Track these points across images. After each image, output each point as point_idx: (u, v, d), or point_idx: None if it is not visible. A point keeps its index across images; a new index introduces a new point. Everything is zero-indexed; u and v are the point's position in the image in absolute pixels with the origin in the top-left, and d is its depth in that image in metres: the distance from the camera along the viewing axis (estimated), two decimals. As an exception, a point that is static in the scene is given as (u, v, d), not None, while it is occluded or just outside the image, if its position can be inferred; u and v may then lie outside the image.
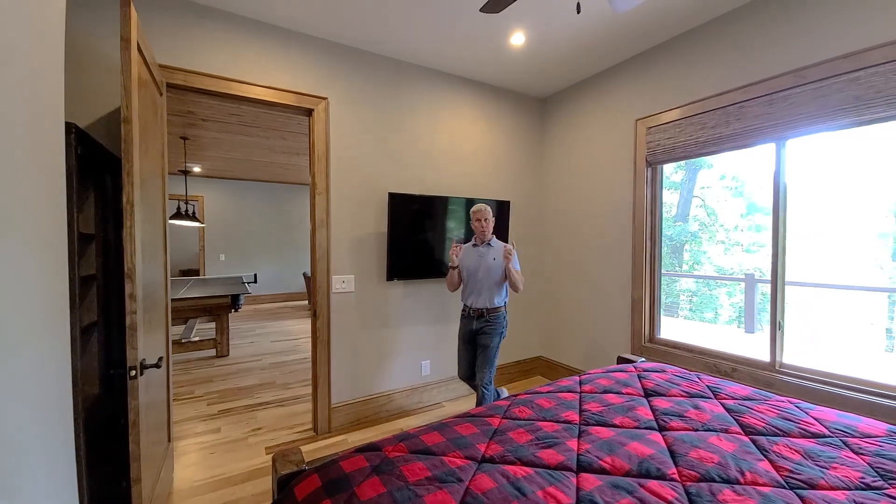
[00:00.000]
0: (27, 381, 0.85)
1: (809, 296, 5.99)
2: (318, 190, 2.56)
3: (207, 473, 2.18)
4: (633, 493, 0.93)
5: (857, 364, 3.10)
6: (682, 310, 6.75)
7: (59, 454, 1.01)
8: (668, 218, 7.95)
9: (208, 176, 6.71)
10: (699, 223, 7.69)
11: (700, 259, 7.68)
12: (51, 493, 0.95)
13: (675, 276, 7.07)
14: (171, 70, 2.13)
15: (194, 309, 4.03)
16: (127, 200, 1.44)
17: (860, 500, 0.90)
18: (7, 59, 0.76)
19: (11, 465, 0.75)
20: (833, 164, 5.35)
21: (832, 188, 5.50)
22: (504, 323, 2.45)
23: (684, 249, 8.02)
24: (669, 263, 7.83)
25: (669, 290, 7.06)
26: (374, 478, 0.95)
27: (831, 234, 5.73)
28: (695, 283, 6.86)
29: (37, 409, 0.89)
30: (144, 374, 1.51)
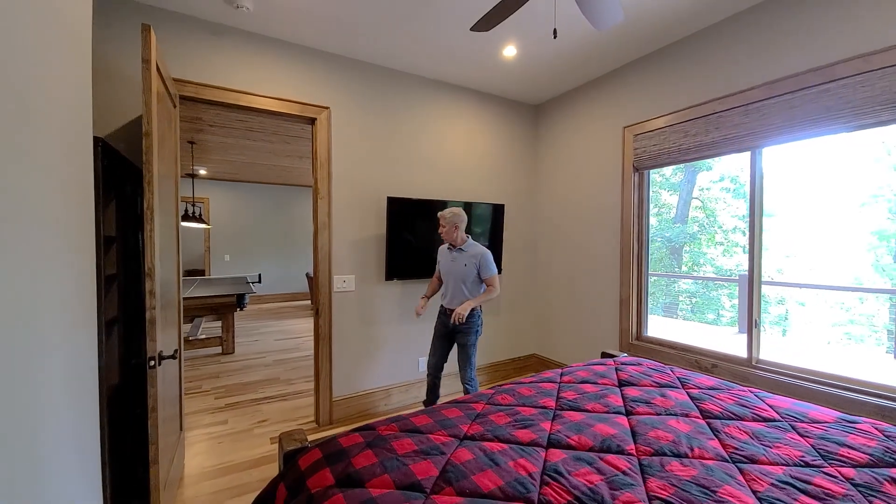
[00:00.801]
0: (64, 375, 0.98)
1: (808, 296, 6.09)
2: (320, 194, 2.70)
3: (216, 461, 2.32)
4: (593, 464, 1.06)
5: (844, 360, 3.22)
6: (682, 310, 6.85)
7: (88, 441, 1.15)
8: (667, 219, 8.07)
9: (214, 178, 6.88)
10: (698, 224, 7.79)
11: (699, 260, 7.78)
12: (81, 478, 1.08)
13: (666, 277, 7.17)
14: (183, 83, 2.28)
15: (201, 308, 4.18)
16: (147, 206, 1.59)
17: (795, 475, 1.03)
18: (46, 82, 0.89)
19: (48, 450, 0.87)
20: (833, 166, 5.46)
21: (832, 190, 5.60)
22: (479, 322, 2.52)
23: (683, 251, 8.13)
24: (669, 264, 7.93)
25: (668, 291, 7.16)
26: (368, 451, 1.09)
27: (831, 236, 5.84)
28: (693, 283, 6.97)
29: (71, 399, 1.02)
30: (162, 364, 1.66)
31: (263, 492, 1.09)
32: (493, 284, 2.45)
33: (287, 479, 1.05)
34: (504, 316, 3.64)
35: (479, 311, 2.52)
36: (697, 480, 0.99)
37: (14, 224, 0.74)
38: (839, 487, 0.97)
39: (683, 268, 7.81)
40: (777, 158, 6.29)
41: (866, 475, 1.03)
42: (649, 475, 1.02)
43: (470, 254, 2.45)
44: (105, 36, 2.08)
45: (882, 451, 1.13)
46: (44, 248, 0.88)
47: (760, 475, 1.02)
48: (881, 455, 1.11)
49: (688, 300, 6.96)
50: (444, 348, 2.59)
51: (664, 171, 7.73)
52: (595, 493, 0.94)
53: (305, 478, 1.01)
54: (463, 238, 2.49)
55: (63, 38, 1.00)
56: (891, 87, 1.81)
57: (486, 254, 2.46)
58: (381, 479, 0.98)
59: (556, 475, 1.01)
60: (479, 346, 3.49)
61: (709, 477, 1.00)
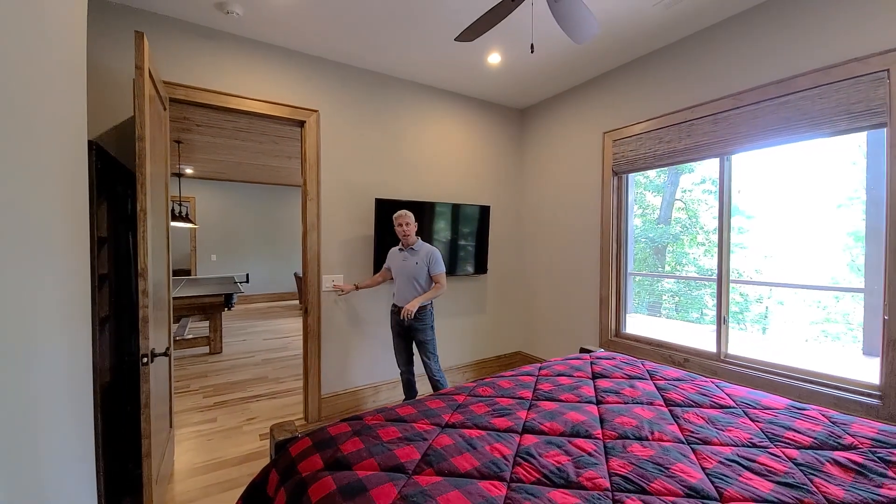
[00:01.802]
0: (61, 371, 1.03)
1: (787, 295, 6.32)
2: (309, 196, 2.76)
3: (206, 457, 2.36)
4: (562, 447, 1.16)
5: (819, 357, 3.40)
6: (665, 309, 7.04)
7: (83, 434, 1.21)
8: (651, 220, 8.28)
9: (200, 177, 6.84)
10: (681, 225, 8.02)
11: (682, 260, 8.01)
12: (77, 470, 1.13)
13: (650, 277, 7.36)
14: (174, 86, 2.32)
15: (188, 307, 4.19)
16: (140, 208, 1.64)
17: (742, 454, 1.15)
18: (41, 88, 0.94)
19: (46, 443, 0.92)
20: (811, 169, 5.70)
21: (810, 193, 5.84)
22: (431, 318, 2.65)
23: (667, 251, 8.35)
24: (653, 264, 8.14)
25: (652, 290, 7.36)
26: (355, 438, 1.17)
27: (809, 237, 6.08)
28: (676, 283, 7.17)
29: (67, 393, 1.08)
30: (154, 361, 1.71)
31: (256, 478, 1.16)
32: (440, 281, 2.59)
33: (279, 466, 1.13)
34: (490, 314, 3.74)
35: (430, 308, 2.63)
36: (654, 459, 1.09)
37: (13, 225, 0.79)
38: (781, 466, 1.08)
39: (667, 267, 8.02)
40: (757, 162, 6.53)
41: (809, 456, 1.14)
42: (612, 456, 1.12)
43: (422, 253, 2.59)
44: (95, 38, 2.10)
45: (826, 435, 1.26)
46: (42, 249, 0.93)
47: (711, 454, 1.13)
48: (825, 438, 1.24)
49: (671, 299, 7.15)
50: (405, 345, 2.70)
51: (649, 173, 7.94)
52: (561, 471, 1.04)
53: (296, 463, 1.08)
54: (414, 238, 2.63)
55: (58, 44, 1.05)
56: (847, 98, 1.96)
57: (436, 252, 2.62)
58: (368, 462, 1.06)
59: (528, 457, 1.10)
60: (465, 344, 3.59)
61: (664, 456, 1.11)
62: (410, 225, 2.59)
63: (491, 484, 0.98)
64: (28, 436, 0.83)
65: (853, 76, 1.91)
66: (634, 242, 8.70)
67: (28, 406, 0.84)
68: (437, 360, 2.65)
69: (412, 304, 2.46)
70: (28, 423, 0.84)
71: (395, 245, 2.77)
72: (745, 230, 7.60)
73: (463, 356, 3.59)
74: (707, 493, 0.96)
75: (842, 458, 1.11)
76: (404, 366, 2.73)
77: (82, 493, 1.21)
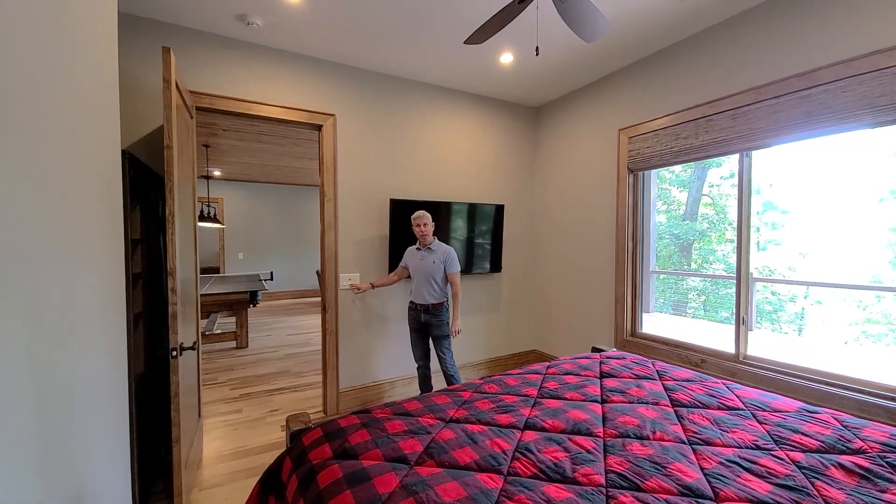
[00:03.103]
0: (97, 363, 1.14)
1: (824, 295, 6.04)
2: (326, 197, 2.86)
3: (232, 445, 2.51)
4: (562, 444, 1.19)
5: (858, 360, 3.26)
6: (691, 308, 6.84)
7: (119, 421, 1.32)
8: (677, 216, 8.05)
9: (227, 179, 7.12)
10: (708, 221, 7.76)
11: (709, 258, 7.76)
12: (113, 452, 1.25)
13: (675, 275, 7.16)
14: (199, 95, 2.45)
15: (216, 304, 4.40)
16: (169, 212, 1.76)
17: (744, 455, 1.15)
18: (79, 105, 1.04)
19: (84, 432, 1.03)
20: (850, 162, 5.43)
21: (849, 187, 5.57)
22: (447, 314, 2.73)
23: (693, 248, 8.10)
24: (678, 262, 7.92)
25: (677, 289, 7.16)
26: (363, 430, 1.24)
27: (848, 233, 5.80)
28: (702, 281, 6.96)
29: (106, 382, 1.19)
30: (183, 354, 1.84)
31: (273, 464, 1.24)
32: (455, 281, 2.68)
33: (293, 454, 1.21)
34: (504, 312, 3.77)
35: (446, 305, 2.71)
36: (652, 458, 1.11)
37: (56, 230, 0.90)
38: (783, 468, 1.08)
39: (693, 265, 7.79)
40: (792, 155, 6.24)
41: (814, 459, 1.13)
42: (610, 453, 1.14)
43: (439, 252, 2.67)
44: (127, 52, 2.25)
45: (835, 439, 1.23)
46: (81, 251, 1.04)
47: (711, 455, 1.13)
48: (833, 442, 1.21)
49: (698, 298, 6.94)
50: (422, 340, 2.78)
51: (674, 167, 7.72)
52: (558, 467, 1.07)
53: (307, 452, 1.16)
54: (431, 238, 2.71)
55: (90, 61, 1.15)
56: (871, 91, 1.88)
57: (452, 251, 2.70)
58: (373, 452, 1.12)
59: (527, 452, 1.14)
60: (480, 342, 3.63)
61: (663, 455, 1.12)
62: (428, 225, 2.67)
63: (488, 476, 1.02)
64: (68, 423, 0.94)
65: (878, 68, 1.83)
66: (658, 239, 8.48)
67: (68, 395, 0.94)
68: (452, 356, 2.73)
69: (455, 325, 2.67)
70: (68, 411, 0.94)
71: (410, 244, 2.85)
72: (779, 226, 7.28)
73: (478, 353, 3.63)
74: (702, 492, 0.98)
75: (848, 462, 1.10)
76: (421, 360, 2.81)
77: (118, 475, 1.33)
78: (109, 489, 1.21)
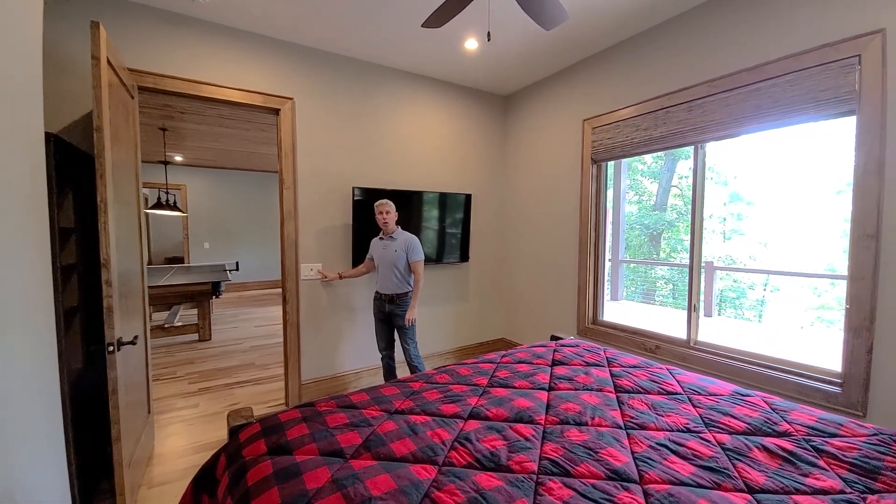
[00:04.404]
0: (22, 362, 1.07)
1: (783, 282, 6.33)
2: (285, 185, 2.76)
3: (187, 441, 2.43)
4: (502, 431, 1.20)
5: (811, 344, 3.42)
6: (660, 297, 7.05)
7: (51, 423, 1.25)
8: (647, 207, 8.25)
9: (190, 165, 6.81)
10: (676, 212, 7.99)
11: (676, 247, 8.01)
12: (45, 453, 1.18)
13: (644, 264, 7.35)
14: (141, 74, 2.30)
15: (176, 295, 4.24)
16: (101, 199, 1.65)
17: (673, 439, 1.18)
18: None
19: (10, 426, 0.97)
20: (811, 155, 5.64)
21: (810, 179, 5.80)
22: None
23: (662, 238, 8.34)
24: (648, 251, 8.15)
25: (646, 277, 7.38)
26: (303, 424, 1.21)
27: (807, 223, 6.07)
28: (670, 270, 7.19)
29: (32, 381, 1.11)
30: (122, 350, 1.75)
31: (208, 462, 1.20)
32: (417, 270, 2.66)
33: (228, 450, 1.17)
34: (472, 302, 3.78)
35: (410, 295, 2.70)
36: (587, 444, 1.13)
37: None
38: (708, 450, 1.12)
39: (662, 254, 8.03)
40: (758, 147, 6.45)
41: (738, 441, 1.18)
42: (548, 440, 1.16)
43: (400, 241, 2.65)
44: (56, 28, 2.08)
45: (762, 421, 1.29)
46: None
47: (643, 439, 1.17)
48: (759, 425, 1.27)
49: (666, 286, 7.17)
50: (387, 330, 2.77)
51: (646, 158, 7.89)
52: (493, 455, 1.07)
53: (242, 448, 1.13)
54: (394, 227, 2.67)
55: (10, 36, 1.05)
56: (816, 86, 1.93)
57: (414, 239, 2.68)
58: (309, 447, 1.10)
59: (466, 441, 1.14)
60: (448, 331, 3.64)
61: (598, 441, 1.14)
62: (391, 213, 2.63)
63: (422, 468, 1.02)
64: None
65: (824, 62, 1.88)
66: (629, 229, 8.64)
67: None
68: (416, 346, 2.72)
69: (411, 313, 2.62)
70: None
71: (375, 234, 2.80)
72: (744, 216, 7.58)
73: (446, 343, 3.64)
74: (628, 475, 1.00)
75: (772, 444, 1.15)
76: (385, 350, 2.80)
77: (51, 475, 1.26)
78: (42, 489, 1.15)
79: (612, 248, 4.88)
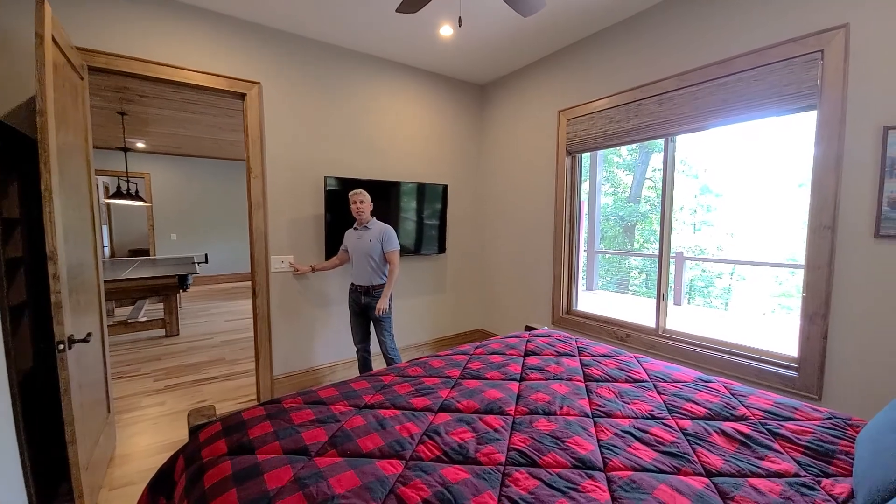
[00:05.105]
0: None
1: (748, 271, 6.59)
2: (253, 173, 2.66)
3: (152, 440, 2.34)
4: (471, 423, 1.20)
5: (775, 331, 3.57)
6: (633, 286, 7.25)
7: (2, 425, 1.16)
8: (622, 198, 8.42)
9: (154, 152, 6.49)
10: (650, 203, 8.19)
11: (650, 238, 8.23)
12: None
13: (618, 255, 7.52)
14: (93, 53, 2.14)
15: (140, 289, 4.05)
16: (45, 187, 1.53)
17: (638, 426, 1.21)
18: None
19: None
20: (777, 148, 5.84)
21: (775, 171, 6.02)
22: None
23: (636, 229, 8.54)
24: (622, 242, 8.34)
25: (620, 267, 7.56)
26: (266, 422, 1.17)
27: (771, 214, 6.32)
28: (643, 260, 7.39)
29: None
30: (74, 348, 1.65)
31: (165, 464, 1.15)
32: (393, 261, 2.60)
33: (186, 451, 1.12)
34: (450, 292, 3.77)
35: None
36: (554, 433, 1.14)
37: None
38: (670, 436, 1.15)
39: (636, 245, 8.24)
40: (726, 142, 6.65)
41: (699, 426, 1.21)
42: (517, 431, 1.17)
43: (375, 230, 2.59)
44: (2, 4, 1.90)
45: (721, 406, 1.33)
46: None
47: (609, 427, 1.19)
48: (719, 409, 1.31)
49: (639, 276, 7.37)
50: (362, 323, 2.72)
51: (621, 151, 8.03)
52: (462, 448, 1.07)
53: (201, 449, 1.08)
54: (368, 217, 2.61)
55: None
56: (779, 80, 1.98)
57: (389, 229, 2.62)
58: (272, 446, 1.06)
59: (434, 435, 1.13)
60: (425, 323, 3.62)
61: (565, 430, 1.16)
62: (365, 203, 2.57)
63: (388, 463, 1.00)
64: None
65: (788, 57, 1.93)
66: (604, 220, 8.78)
67: None
68: (393, 338, 2.69)
69: (382, 302, 2.53)
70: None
71: (349, 225, 2.74)
72: (713, 208, 7.84)
73: (423, 334, 3.63)
74: (593, 463, 1.02)
75: (730, 428, 1.19)
76: (360, 343, 2.76)
77: (5, 479, 1.18)
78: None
79: (588, 238, 4.97)
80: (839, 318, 1.79)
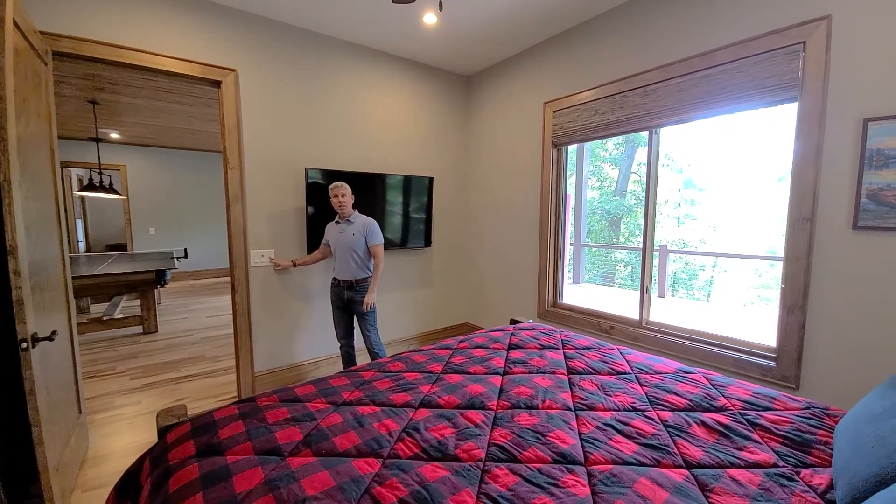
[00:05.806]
0: None
1: (729, 264, 6.72)
2: (230, 165, 2.57)
3: (126, 440, 2.27)
4: (452, 419, 1.17)
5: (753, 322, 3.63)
6: (619, 279, 7.33)
7: None
8: (608, 192, 8.49)
9: (130, 143, 6.26)
10: (635, 197, 8.28)
11: (635, 231, 8.33)
12: None
13: (604, 248, 7.58)
14: (57, 38, 2.03)
15: (116, 285, 3.92)
16: (4, 178, 1.44)
17: (619, 418, 1.20)
18: None
19: None
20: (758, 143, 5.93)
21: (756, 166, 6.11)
22: None
23: (621, 222, 8.63)
24: (608, 235, 8.43)
25: (606, 261, 7.64)
26: (239, 422, 1.13)
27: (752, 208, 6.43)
28: (629, 253, 7.48)
29: None
30: (40, 347, 1.57)
31: (132, 466, 1.10)
32: (377, 254, 2.56)
33: (153, 454, 1.07)
34: (437, 286, 3.74)
35: (370, 280, 2.59)
36: (535, 427, 1.12)
37: None
38: (651, 428, 1.15)
39: (621, 238, 8.33)
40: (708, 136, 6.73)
41: (679, 418, 1.21)
42: (498, 426, 1.15)
43: (358, 224, 2.54)
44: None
45: (702, 397, 1.34)
46: None
47: (591, 420, 1.18)
48: (699, 400, 1.31)
49: (625, 269, 7.46)
50: (345, 318, 2.68)
51: (607, 145, 8.07)
52: (441, 445, 1.04)
53: (168, 451, 1.03)
54: (350, 210, 2.56)
55: None
56: (761, 72, 1.98)
57: (373, 222, 2.57)
58: (243, 446, 1.02)
59: (414, 431, 1.11)
60: (411, 317, 3.59)
61: (546, 424, 1.14)
62: (347, 196, 2.51)
63: (365, 462, 0.97)
64: None
65: (770, 49, 1.93)
66: (590, 214, 8.84)
67: None
68: (378, 333, 2.65)
69: (370, 296, 2.49)
70: None
71: (331, 218, 2.68)
72: (697, 202, 7.96)
73: (409, 328, 3.60)
74: (574, 457, 1.00)
75: (709, 419, 1.19)
76: (343, 338, 2.71)
77: None
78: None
79: (575, 232, 4.99)
80: (817, 309, 1.82)
